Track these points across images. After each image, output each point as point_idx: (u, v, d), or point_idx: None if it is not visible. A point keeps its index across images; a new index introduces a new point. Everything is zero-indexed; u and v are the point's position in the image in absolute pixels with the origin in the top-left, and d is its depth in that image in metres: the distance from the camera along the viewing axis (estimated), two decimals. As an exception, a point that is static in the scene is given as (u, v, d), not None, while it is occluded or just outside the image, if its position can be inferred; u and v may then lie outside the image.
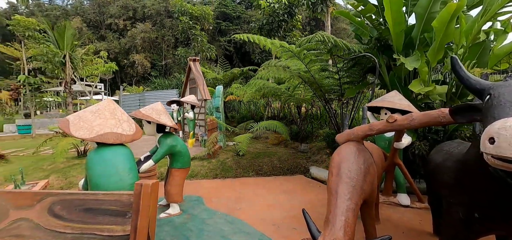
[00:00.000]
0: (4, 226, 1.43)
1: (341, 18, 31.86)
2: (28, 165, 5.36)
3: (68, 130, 2.05)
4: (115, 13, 40.56)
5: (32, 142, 8.78)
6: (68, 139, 5.25)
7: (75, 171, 5.00)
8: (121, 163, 2.09)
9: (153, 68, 35.52)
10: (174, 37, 37.08)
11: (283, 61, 5.21)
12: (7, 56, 18.42)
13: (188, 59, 8.85)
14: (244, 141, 4.63)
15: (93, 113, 2.19)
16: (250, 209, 3.37)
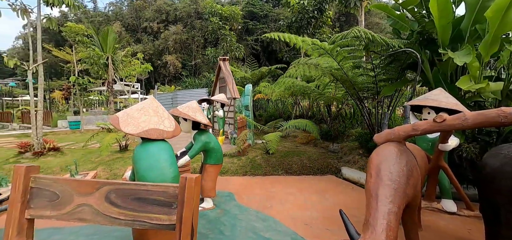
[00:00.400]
0: (71, 209, 1.63)
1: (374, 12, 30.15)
2: (79, 157, 5.97)
3: (118, 125, 2.25)
4: (149, 16, 43.06)
5: (81, 136, 9.74)
6: (112, 135, 5.73)
7: (118, 164, 5.45)
8: (163, 157, 2.24)
9: (184, 68, 37.09)
10: (203, 38, 38.35)
11: (313, 59, 5.10)
12: (60, 60, 20.63)
13: (218, 59, 9.10)
14: (274, 140, 4.64)
15: (139, 111, 2.37)
16: (281, 207, 3.38)
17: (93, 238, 2.68)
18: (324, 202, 3.53)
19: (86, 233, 2.79)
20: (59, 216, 1.66)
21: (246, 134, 5.37)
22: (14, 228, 1.64)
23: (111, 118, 2.32)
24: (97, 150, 6.64)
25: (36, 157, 5.76)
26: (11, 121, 16.52)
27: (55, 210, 1.66)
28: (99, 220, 1.61)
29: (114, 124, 2.26)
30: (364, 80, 4.81)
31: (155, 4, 43.56)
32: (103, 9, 45.56)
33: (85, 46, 12.09)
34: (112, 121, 2.28)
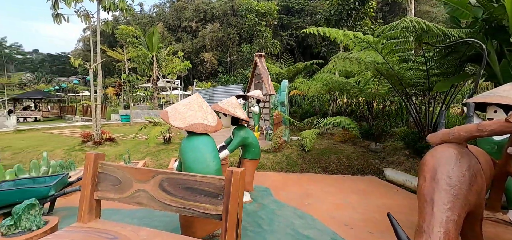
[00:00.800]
0: (130, 193, 1.82)
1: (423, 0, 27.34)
2: (130, 147, 6.60)
3: (167, 119, 2.43)
4: (189, 16, 45.16)
5: (131, 129, 10.75)
6: (158, 128, 6.21)
7: (162, 155, 5.89)
8: (208, 151, 2.36)
9: (220, 65, 38.22)
10: (238, 35, 39.06)
11: (354, 53, 4.84)
12: (112, 59, 22.94)
13: (254, 55, 9.20)
14: (311, 137, 4.55)
15: (185, 106, 2.52)
16: (319, 205, 3.31)
17: (144, 221, 2.95)
18: (365, 204, 3.36)
19: (138, 216, 3.09)
20: (120, 199, 1.87)
21: (282, 130, 5.35)
22: (86, 206, 1.90)
23: (161, 113, 2.52)
24: (145, 142, 7.26)
25: (95, 146, 6.53)
26: (74, 114, 18.98)
27: (117, 193, 1.88)
28: (153, 205, 1.78)
29: (164, 118, 2.45)
30: (413, 75, 4.40)
31: (194, 4, 45.50)
32: (148, 11, 49.10)
33: (134, 46, 13.26)
34: (162, 115, 2.47)
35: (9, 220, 1.88)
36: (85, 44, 45.15)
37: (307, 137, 4.48)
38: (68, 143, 7.37)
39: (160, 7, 52.43)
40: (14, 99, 21.68)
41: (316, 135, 4.56)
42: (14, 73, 46.70)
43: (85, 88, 32.75)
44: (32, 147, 7.00)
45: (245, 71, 16.63)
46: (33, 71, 49.00)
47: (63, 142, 7.48)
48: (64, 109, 22.11)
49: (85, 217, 1.89)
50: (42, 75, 45.68)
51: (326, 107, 11.16)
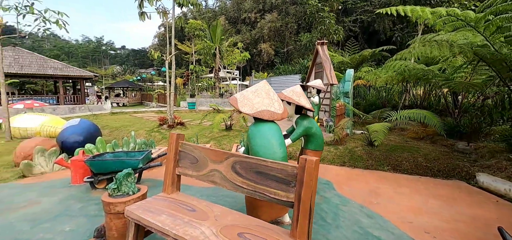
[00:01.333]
0: (206, 172, 1.98)
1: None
2: (197, 131, 7.27)
3: (236, 105, 2.53)
4: (248, 7, 46.21)
5: (196, 115, 11.82)
6: (221, 115, 6.62)
7: (225, 140, 6.27)
8: (274, 138, 2.37)
9: (276, 55, 38.22)
10: (296, 24, 38.14)
11: (443, 34, 4.07)
12: (181, 52, 25.46)
13: (315, 43, 8.80)
14: (381, 130, 4.09)
15: (253, 93, 2.58)
16: (391, 207, 2.99)
17: (212, 198, 3.20)
18: (450, 211, 2.87)
19: (206, 194, 3.37)
20: (198, 177, 2.06)
21: (346, 122, 5.00)
22: (169, 179, 2.16)
23: (231, 99, 2.64)
24: (209, 127, 7.88)
25: (169, 128, 7.42)
26: (151, 101, 21.99)
27: (195, 171, 2.07)
28: (226, 185, 1.89)
29: (233, 104, 2.55)
30: (527, 60, 3.45)
31: (255, -6, 46.23)
32: (212, 6, 52.33)
33: (200, 39, 14.37)
34: (231, 101, 2.59)
35: (114, 184, 2.29)
36: (160, 40, 51.29)
37: (376, 130, 4.06)
38: (148, 125, 8.57)
39: (222, 1, 55.10)
40: (109, 88, 26.41)
41: (387, 129, 4.08)
42: (108, 66, 56.74)
43: (159, 78, 37.43)
44: (123, 126, 8.42)
45: (304, 61, 16.15)
46: (121, 64, 58.68)
47: (144, 124, 8.76)
48: (144, 97, 25.84)
49: (169, 189, 2.15)
50: (128, 68, 54.24)
51: (396, 99, 9.94)
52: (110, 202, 2.17)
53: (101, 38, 66.41)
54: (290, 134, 3.52)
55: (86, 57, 60.98)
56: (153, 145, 5.04)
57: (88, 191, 3.46)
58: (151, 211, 1.83)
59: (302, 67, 15.55)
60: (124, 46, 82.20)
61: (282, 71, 17.05)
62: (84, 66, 48.97)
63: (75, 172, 3.72)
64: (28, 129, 7.12)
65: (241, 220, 1.74)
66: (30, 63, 14.68)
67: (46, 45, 60.83)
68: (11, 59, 14.20)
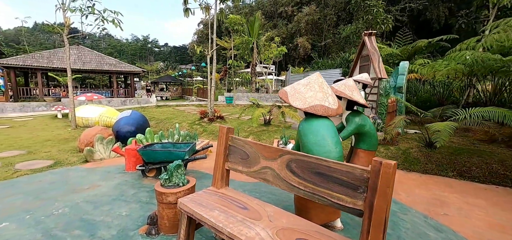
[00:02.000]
0: (257, 169, 1.89)
1: None
2: (235, 126, 7.33)
3: (287, 99, 2.39)
4: (285, 1, 45.42)
5: (234, 109, 12.00)
6: (260, 110, 6.55)
7: (264, 135, 6.20)
8: (329, 135, 2.17)
9: (313, 50, 37.09)
10: (336, 16, 36.35)
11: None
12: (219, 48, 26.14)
13: (362, 34, 8.16)
14: (445, 130, 3.55)
15: (305, 86, 2.40)
16: (463, 220, 2.57)
17: (255, 194, 3.13)
18: (546, 234, 2.35)
19: (249, 189, 3.31)
20: (248, 173, 1.98)
21: (401, 120, 4.49)
22: (219, 174, 2.12)
23: (280, 93, 2.50)
24: (247, 122, 7.89)
25: (209, 122, 7.62)
26: (191, 95, 23.07)
27: (245, 167, 1.99)
28: (279, 184, 1.77)
29: (283, 97, 2.41)
30: None
31: (292, -13, 45.27)
32: (249, 1, 52.67)
33: (239, 34, 14.50)
34: (281, 95, 2.45)
35: (166, 174, 2.34)
36: (199, 37, 53.49)
37: (439, 130, 3.54)
38: (190, 118, 8.94)
39: (259, -4, 55.03)
40: (154, 83, 28.43)
41: (453, 129, 3.54)
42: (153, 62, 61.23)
43: (198, 73, 39.13)
44: (167, 119, 8.93)
45: (345, 54, 15.24)
46: (164, 61, 62.89)
47: (186, 117, 9.16)
48: (184, 91, 27.26)
49: (218, 183, 2.12)
50: (170, 64, 57.87)
51: (456, 96, 8.74)
52: (162, 192, 2.22)
53: (147, 37, 71.88)
54: (340, 131, 3.27)
55: (134, 55, 66.71)
56: (196, 137, 5.20)
57: (140, 178, 3.67)
58: (203, 205, 1.80)
59: (343, 61, 14.68)
60: (167, 44, 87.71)
61: (321, 66, 16.35)
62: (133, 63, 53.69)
63: (129, 160, 3.98)
64: (89, 119, 7.98)
65: (297, 223, 1.61)
66: (91, 60, 16.51)
67: (102, 44, 68.05)
68: (75, 56, 16.14)
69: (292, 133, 6.17)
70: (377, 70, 7.26)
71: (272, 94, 16.26)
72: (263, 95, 16.55)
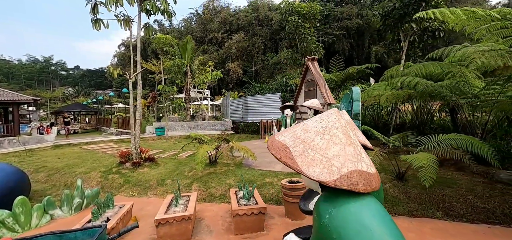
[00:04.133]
0: None
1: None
2: (172, 170, 5.66)
3: (292, 161, 1.23)
4: (215, 28, 45.77)
5: (167, 144, 10.01)
6: (205, 147, 5.18)
7: (212, 181, 4.82)
8: (385, 231, 1.13)
9: (245, 75, 38.18)
10: (263, 44, 38.84)
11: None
12: (145, 71, 23.22)
13: (305, 59, 8.02)
14: (430, 166, 3.14)
15: (321, 134, 1.31)
16: None
17: None
18: None
19: None
20: None
21: (377, 153, 3.99)
22: None
23: (273, 146, 1.34)
24: (187, 162, 6.32)
25: (134, 167, 5.69)
26: (109, 126, 19.16)
27: None
28: None
29: (284, 159, 1.26)
30: None
31: (220, 16, 46.22)
32: (177, 26, 50.79)
33: (169, 56, 12.79)
34: (279, 153, 1.29)
35: None
36: (120, 59, 47.53)
37: (424, 166, 3.10)
38: (105, 162, 6.66)
39: (187, 21, 54.04)
40: (56, 113, 22.63)
41: (436, 163, 3.17)
42: (58, 87, 50.56)
43: (119, 100, 33.91)
44: (67, 167, 6.37)
45: (282, 79, 15.50)
46: (74, 86, 52.78)
47: (99, 161, 6.80)
48: (100, 122, 22.63)
49: None
50: (82, 89, 48.84)
51: (385, 118, 9.53)
52: None
53: (50, 58, 59.34)
54: None
55: (30, 79, 53.85)
56: (111, 203, 3.40)
57: None
58: None
59: (281, 85, 14.83)
60: (78, 67, 74.92)
61: (259, 90, 16.15)
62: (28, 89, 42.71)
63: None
64: None
65: None
66: None
67: (-23, 65, 52.65)
68: None
69: (248, 174, 5.03)
70: (325, 95, 7.04)
71: (212, 122, 14.87)
72: (200, 124, 14.95)
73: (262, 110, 13.99)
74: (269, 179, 4.75)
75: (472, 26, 3.28)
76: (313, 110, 6.83)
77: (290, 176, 4.82)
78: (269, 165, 5.66)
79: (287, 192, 3.53)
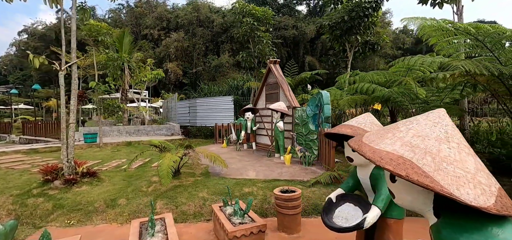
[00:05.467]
0: None
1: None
2: (123, 186, 4.56)
3: (429, 180, 0.91)
4: (150, 24, 41.72)
5: (103, 153, 8.27)
6: (170, 156, 4.36)
7: (182, 197, 4.07)
8: None
9: (185, 76, 36.29)
10: (204, 46, 37.57)
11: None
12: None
13: (267, 62, 7.89)
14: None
15: (445, 142, 1.03)
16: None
17: None
18: None
19: None
20: None
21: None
22: None
23: (387, 161, 1.01)
24: (141, 174, 5.25)
25: (67, 186, 4.32)
26: (10, 132, 14.79)
27: None
28: None
29: (415, 177, 0.93)
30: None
31: (156, 11, 42.46)
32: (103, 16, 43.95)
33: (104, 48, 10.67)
34: (395, 167, 0.96)
35: None
36: (20, 50, 37.92)
37: None
38: (16, 181, 4.89)
39: (115, 12, 47.67)
40: None
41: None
42: None
43: (21, 100, 26.99)
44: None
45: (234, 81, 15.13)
46: None
47: (6, 181, 4.95)
48: (-8, 127, 17.27)
49: None
50: (-43, 85, 36.80)
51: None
52: None
53: None
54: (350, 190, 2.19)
55: None
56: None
57: None
58: None
59: (232, 88, 14.42)
60: (-50, 55, 56.11)
61: (208, 93, 15.32)
62: None
63: None
64: None
65: None
66: None
67: None
68: None
69: (222, 184, 4.47)
70: (290, 99, 7.06)
71: (155, 126, 13.23)
72: (141, 128, 13.11)
73: (214, 114, 13.27)
74: (248, 188, 4.33)
75: (438, 39, 3.76)
76: (280, 114, 6.78)
77: (268, 183, 4.52)
78: (239, 173, 5.22)
79: (282, 203, 3.19)
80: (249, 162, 6.20)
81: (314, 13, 37.52)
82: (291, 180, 4.65)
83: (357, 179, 2.18)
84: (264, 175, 4.96)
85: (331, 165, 4.45)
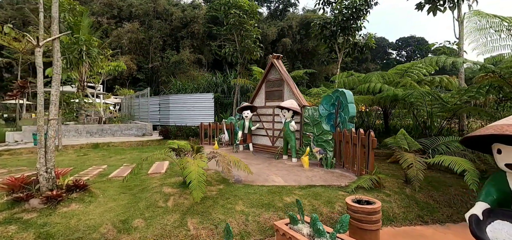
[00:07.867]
0: None
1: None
2: (129, 202, 3.50)
3: None
4: (98, 10, 36.80)
5: (68, 158, 6.59)
6: (197, 163, 3.51)
7: (218, 212, 3.30)
8: None
9: (140, 71, 33.22)
10: (162, 40, 34.77)
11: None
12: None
13: (270, 57, 7.37)
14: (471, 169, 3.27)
15: None
16: None
17: None
18: None
19: None
20: None
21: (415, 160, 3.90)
22: None
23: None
24: (139, 183, 4.19)
25: (50, 205, 3.09)
26: None
27: None
28: None
29: None
30: None
31: (105, -4, 37.63)
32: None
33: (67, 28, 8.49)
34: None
35: None
36: None
37: (467, 170, 3.22)
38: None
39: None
40: None
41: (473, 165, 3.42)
42: None
43: None
44: None
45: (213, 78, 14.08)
46: None
47: None
48: None
49: None
50: None
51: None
52: None
53: None
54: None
55: None
56: None
57: None
58: None
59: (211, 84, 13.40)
60: None
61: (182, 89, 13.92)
62: None
63: None
64: None
65: None
66: None
67: None
68: None
69: (255, 194, 3.82)
70: (298, 97, 6.69)
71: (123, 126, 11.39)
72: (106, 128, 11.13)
73: (192, 112, 12.13)
74: (287, 197, 3.78)
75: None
76: (292, 112, 6.33)
77: (307, 190, 4.04)
78: (263, 179, 4.59)
79: (364, 217, 2.66)
80: (263, 166, 5.61)
81: (274, 16, 37.98)
82: (328, 186, 4.25)
83: (508, 191, 1.88)
84: (294, 181, 4.45)
85: (370, 168, 4.20)
